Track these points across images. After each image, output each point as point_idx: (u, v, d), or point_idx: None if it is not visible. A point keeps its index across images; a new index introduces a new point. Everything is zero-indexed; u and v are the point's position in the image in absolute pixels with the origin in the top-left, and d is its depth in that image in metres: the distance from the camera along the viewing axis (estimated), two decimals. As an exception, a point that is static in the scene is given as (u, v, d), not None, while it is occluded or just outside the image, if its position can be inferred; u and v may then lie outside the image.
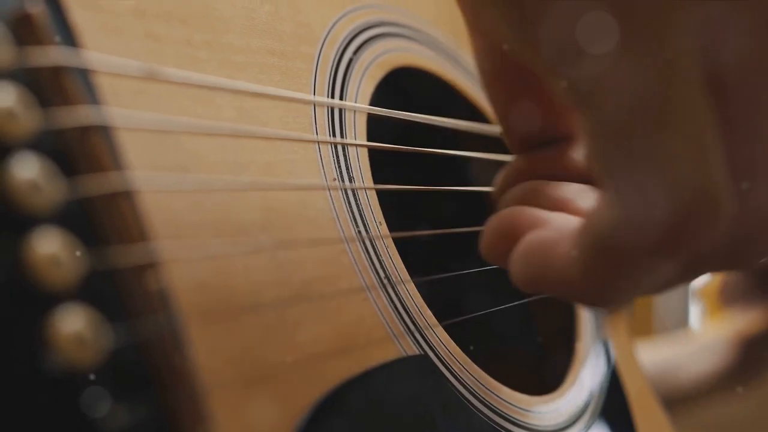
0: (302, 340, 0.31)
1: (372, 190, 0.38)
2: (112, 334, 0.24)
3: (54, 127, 0.25)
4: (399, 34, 0.45)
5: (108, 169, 0.26)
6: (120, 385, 0.24)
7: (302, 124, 0.36)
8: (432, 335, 0.37)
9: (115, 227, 0.26)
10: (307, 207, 0.34)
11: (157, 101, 0.29)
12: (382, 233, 0.37)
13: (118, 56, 0.28)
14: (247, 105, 0.33)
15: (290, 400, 0.29)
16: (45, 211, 0.24)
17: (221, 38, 0.34)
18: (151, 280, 0.26)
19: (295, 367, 0.30)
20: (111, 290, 0.25)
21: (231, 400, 0.27)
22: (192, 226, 0.28)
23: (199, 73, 0.31)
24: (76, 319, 0.23)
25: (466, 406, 0.36)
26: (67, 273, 0.23)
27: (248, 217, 0.31)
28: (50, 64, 0.25)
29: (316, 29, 0.39)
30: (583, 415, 0.43)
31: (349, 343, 0.33)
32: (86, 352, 0.23)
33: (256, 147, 0.33)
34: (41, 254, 0.23)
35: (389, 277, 0.36)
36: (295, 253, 0.32)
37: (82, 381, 0.23)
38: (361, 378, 0.32)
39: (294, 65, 0.37)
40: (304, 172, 0.34)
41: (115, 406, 0.23)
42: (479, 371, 0.38)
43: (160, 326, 0.25)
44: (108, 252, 0.25)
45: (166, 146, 0.29)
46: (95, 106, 0.26)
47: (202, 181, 0.29)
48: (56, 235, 0.24)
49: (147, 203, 0.27)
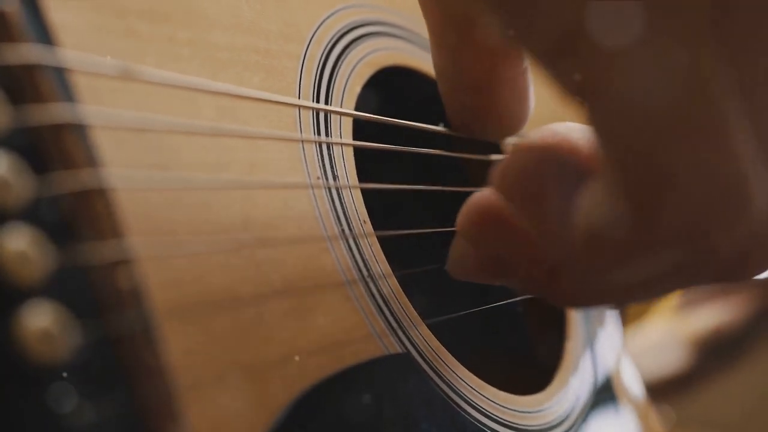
0: (281, 339, 0.31)
1: (357, 189, 0.38)
2: (82, 330, 0.24)
3: (26, 124, 0.25)
4: (388, 33, 0.45)
5: (81, 166, 0.26)
6: (89, 382, 0.24)
7: (286, 123, 0.36)
8: (415, 333, 0.37)
9: (87, 224, 0.26)
10: (289, 206, 0.34)
11: (136, 99, 0.29)
12: (366, 232, 0.37)
13: (98, 54, 0.28)
14: (229, 104, 0.33)
15: (267, 399, 0.29)
16: (14, 208, 0.24)
17: (205, 36, 0.34)
18: (124, 277, 0.26)
19: (273, 365, 0.30)
20: (82, 287, 0.25)
21: (204, 398, 0.27)
22: (169, 223, 0.28)
23: (176, 74, 0.31)
24: (44, 316, 0.23)
25: (450, 405, 0.36)
26: (36, 269, 0.23)
27: (228, 215, 0.31)
28: (23, 62, 0.25)
29: (303, 28, 0.39)
30: (569, 416, 0.43)
31: (330, 341, 0.32)
32: (54, 349, 0.23)
33: (237, 146, 0.33)
34: (9, 251, 0.23)
35: (372, 276, 0.36)
36: (276, 251, 0.32)
37: (50, 377, 0.23)
38: (341, 376, 0.32)
39: (279, 64, 0.37)
40: (287, 171, 0.34)
41: (83, 403, 0.24)
42: (463, 370, 0.38)
43: (132, 323, 0.25)
44: (79, 249, 0.25)
45: (144, 144, 0.29)
46: (70, 103, 0.26)
47: (180, 179, 0.29)
48: (25, 231, 0.24)
49: (122, 201, 0.27)
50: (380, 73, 0.42)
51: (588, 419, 0.44)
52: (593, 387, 0.46)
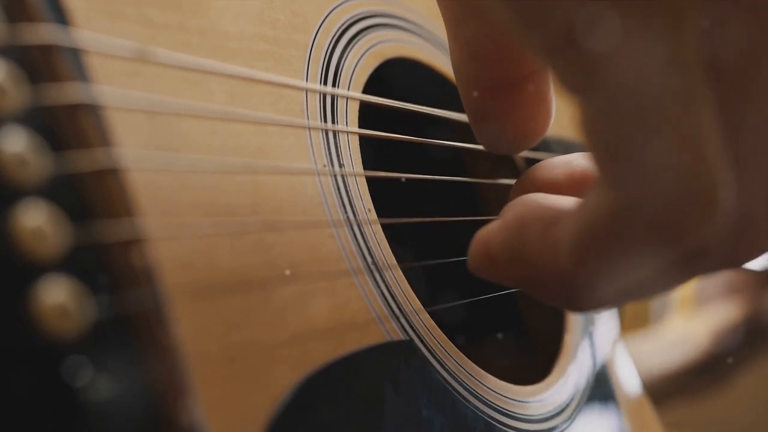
0: (287, 322, 0.31)
1: (362, 177, 0.38)
2: (96, 306, 0.25)
3: (43, 103, 0.25)
4: (394, 25, 0.45)
5: (96, 145, 0.26)
6: (103, 357, 0.24)
7: (294, 110, 0.36)
8: (418, 321, 0.37)
9: (101, 203, 0.26)
10: (296, 191, 0.34)
11: (149, 83, 0.30)
12: (370, 219, 0.37)
13: (112, 38, 0.29)
14: (239, 90, 0.34)
15: (273, 381, 0.30)
16: (32, 185, 0.24)
17: (215, 25, 0.34)
18: (136, 256, 0.26)
19: (279, 347, 0.30)
20: (96, 264, 0.25)
21: (214, 377, 0.27)
22: (180, 205, 0.29)
23: (189, 56, 0.31)
24: (60, 291, 0.24)
25: (451, 393, 0.37)
26: (52, 245, 0.24)
27: (237, 199, 0.31)
28: (41, 42, 0.26)
29: (311, 18, 0.40)
30: (568, 406, 0.43)
31: (334, 327, 0.33)
32: (69, 323, 0.24)
33: (246, 131, 0.33)
34: (26, 226, 0.23)
35: (376, 263, 0.36)
36: (283, 235, 0.32)
37: (64, 351, 0.24)
38: (344, 361, 0.32)
39: (287, 53, 0.37)
40: (294, 157, 0.35)
41: (97, 377, 0.24)
42: (464, 358, 0.39)
43: (144, 301, 0.26)
44: (94, 226, 0.25)
45: (156, 127, 0.29)
46: (85, 84, 0.27)
47: (191, 161, 0.30)
48: (42, 208, 0.24)
49: (135, 181, 0.27)
50: (387, 64, 0.43)
51: (586, 410, 0.45)
52: (591, 378, 0.47)
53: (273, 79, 0.35)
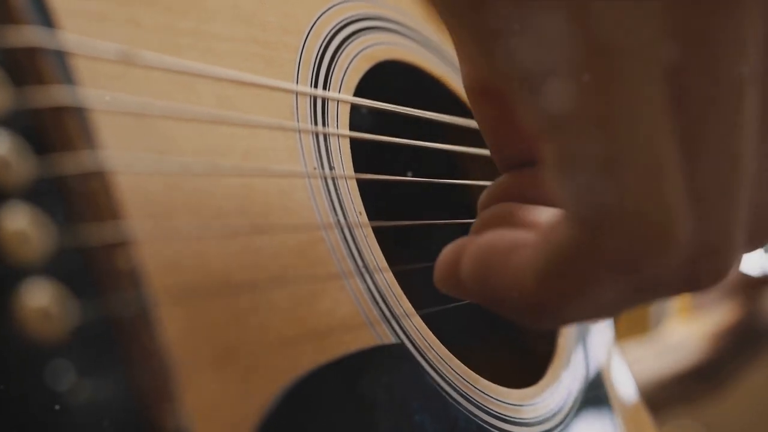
0: (276, 325, 0.31)
1: (353, 180, 0.38)
2: (80, 310, 0.24)
3: (27, 105, 0.25)
4: (386, 28, 0.45)
5: (81, 148, 0.26)
6: (87, 361, 0.24)
7: (284, 113, 0.36)
8: (409, 324, 0.37)
9: (87, 206, 0.26)
10: (285, 194, 0.34)
11: (136, 86, 0.30)
12: (361, 222, 0.37)
13: (99, 40, 0.29)
14: (228, 93, 0.33)
15: (261, 385, 0.29)
16: (15, 188, 0.24)
17: (206, 26, 0.34)
18: (122, 259, 0.26)
19: (268, 351, 0.30)
20: (80, 267, 0.25)
21: (200, 381, 0.27)
22: (168, 208, 0.29)
23: (175, 58, 0.31)
24: (43, 294, 0.23)
25: (442, 396, 0.37)
26: (36, 248, 0.24)
27: (225, 201, 0.31)
28: (25, 44, 0.26)
29: (302, 20, 0.40)
30: (561, 410, 0.43)
31: (324, 330, 0.33)
32: (52, 327, 0.23)
33: (235, 133, 0.33)
34: (9, 229, 0.23)
35: (367, 266, 0.36)
36: (272, 238, 0.32)
37: (48, 355, 0.23)
38: (335, 364, 0.32)
39: (278, 55, 0.37)
40: (284, 160, 0.35)
41: (80, 381, 0.24)
42: (456, 361, 0.38)
43: (129, 304, 0.26)
44: (79, 229, 0.25)
45: (143, 129, 0.29)
46: (70, 86, 0.27)
47: (179, 164, 0.30)
48: (25, 211, 0.24)
49: (121, 183, 0.27)
50: (378, 67, 0.43)
51: (579, 415, 0.44)
52: (585, 383, 0.46)
53: (263, 82, 0.35)
